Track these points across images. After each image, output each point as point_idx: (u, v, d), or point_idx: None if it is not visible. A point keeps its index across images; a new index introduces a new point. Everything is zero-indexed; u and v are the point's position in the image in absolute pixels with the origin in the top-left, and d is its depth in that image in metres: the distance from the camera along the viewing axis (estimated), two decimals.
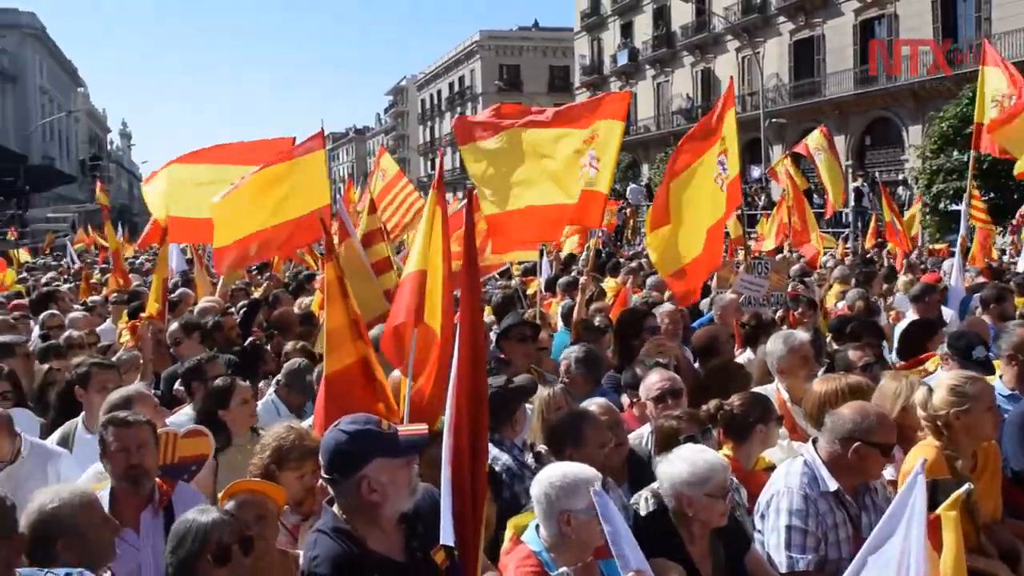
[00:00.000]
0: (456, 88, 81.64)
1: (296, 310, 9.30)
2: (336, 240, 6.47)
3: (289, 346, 6.99)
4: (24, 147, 60.61)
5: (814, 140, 17.86)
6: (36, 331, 8.73)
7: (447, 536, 2.79)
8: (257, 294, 11.26)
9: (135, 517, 3.81)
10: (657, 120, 49.83)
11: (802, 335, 5.80)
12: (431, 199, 4.94)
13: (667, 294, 9.05)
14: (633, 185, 37.90)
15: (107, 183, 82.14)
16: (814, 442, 3.99)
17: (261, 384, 6.44)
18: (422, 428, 3.20)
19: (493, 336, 6.62)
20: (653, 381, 5.12)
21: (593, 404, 4.61)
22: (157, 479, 3.97)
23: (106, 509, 3.55)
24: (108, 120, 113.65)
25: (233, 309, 9.18)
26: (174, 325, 7.15)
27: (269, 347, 7.53)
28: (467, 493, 2.77)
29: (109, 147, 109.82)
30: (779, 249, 16.08)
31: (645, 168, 48.29)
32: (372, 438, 3.03)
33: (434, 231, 4.66)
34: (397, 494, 3.04)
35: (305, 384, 5.99)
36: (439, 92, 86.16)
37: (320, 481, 4.07)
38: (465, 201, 6.88)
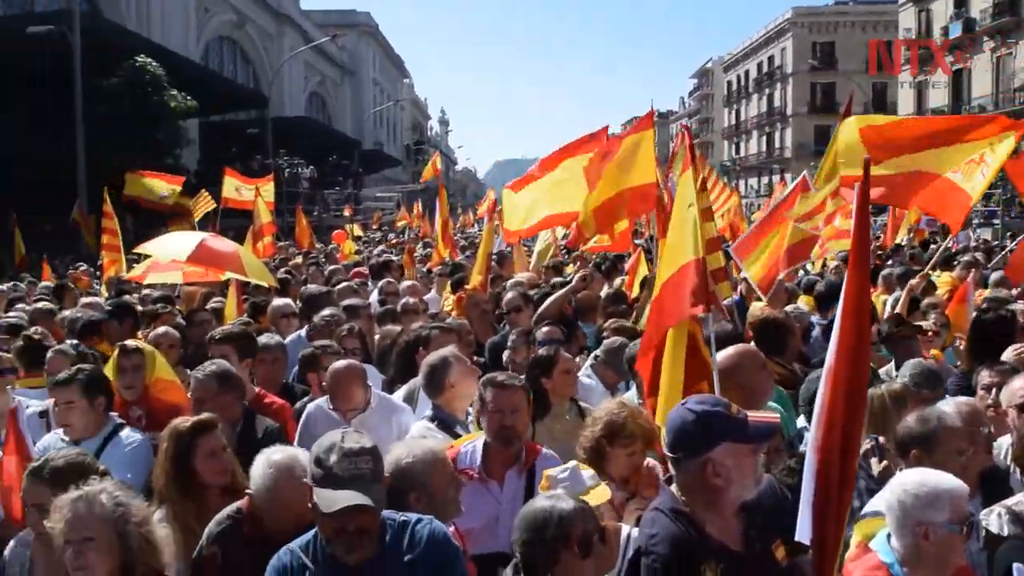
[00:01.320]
0: (765, 68, 78.72)
1: (606, 290, 9.35)
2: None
3: (608, 323, 7.03)
4: (358, 133, 67.13)
5: None
6: (374, 297, 9.51)
7: (803, 532, 2.60)
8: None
9: (501, 473, 4.02)
10: (995, 99, 44.75)
11: None
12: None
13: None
14: None
15: (426, 166, 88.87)
16: None
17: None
18: (774, 416, 3.03)
19: None
20: (1018, 387, 4.52)
21: (950, 404, 4.15)
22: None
23: (478, 461, 3.89)
24: (428, 108, 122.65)
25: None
26: (511, 293, 7.39)
27: None
28: (833, 491, 2.55)
29: (429, 133, 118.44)
30: None
31: None
32: (721, 420, 2.91)
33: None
34: (741, 481, 2.90)
35: (621, 363, 5.98)
36: (746, 73, 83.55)
37: (647, 461, 4.09)
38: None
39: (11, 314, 8.99)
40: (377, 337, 7.08)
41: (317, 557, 2.89)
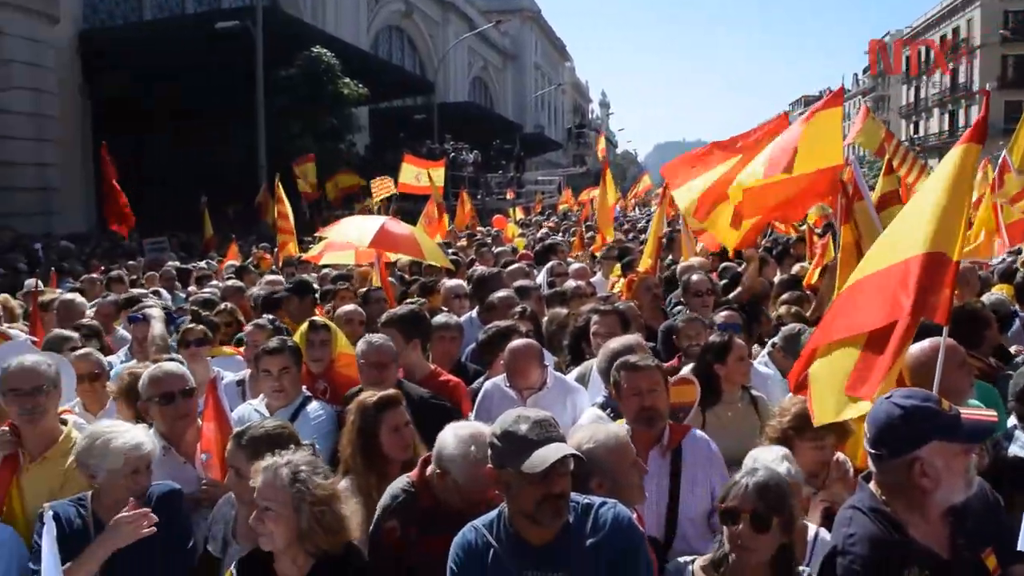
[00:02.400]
0: (949, 40, 73.59)
1: (778, 276, 9.00)
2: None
3: (783, 310, 6.76)
4: (520, 117, 67.79)
5: None
6: (541, 278, 9.56)
7: None
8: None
9: (644, 454, 3.92)
10: None
11: None
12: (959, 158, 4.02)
13: None
14: None
15: (587, 149, 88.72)
16: None
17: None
18: (992, 414, 2.78)
19: None
20: None
21: None
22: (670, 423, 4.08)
23: None
24: (589, 91, 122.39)
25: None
26: (697, 276, 7.23)
27: None
28: None
29: (590, 116, 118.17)
30: None
31: None
32: (932, 417, 2.70)
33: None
34: (951, 483, 2.68)
35: (799, 351, 5.73)
36: (927, 48, 78.37)
37: (836, 455, 3.89)
38: None
39: (205, 290, 9.61)
40: (546, 319, 7.10)
41: (501, 536, 2.90)
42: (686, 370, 5.48)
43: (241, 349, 6.51)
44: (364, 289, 8.52)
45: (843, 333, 3.91)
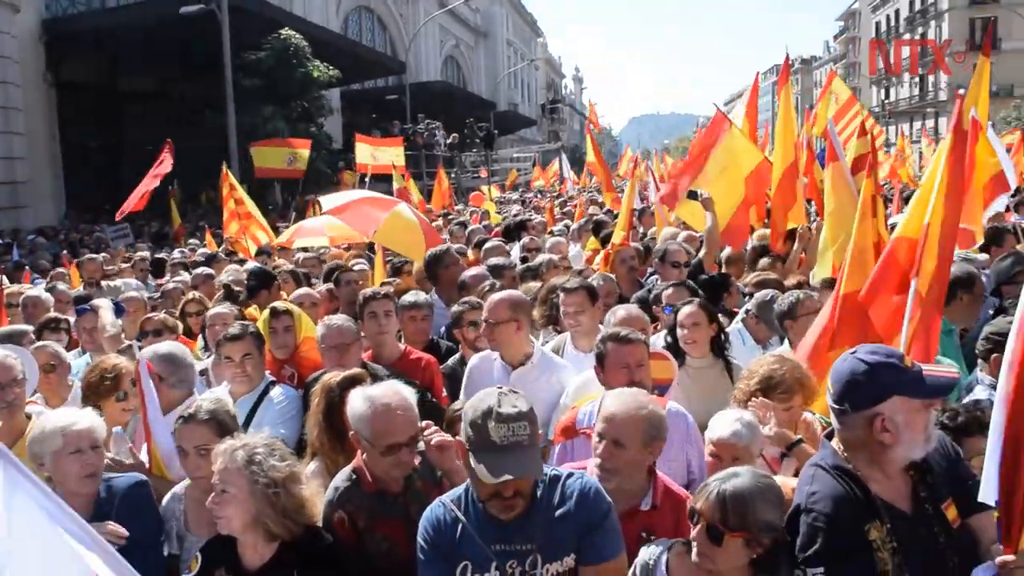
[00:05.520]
0: (918, 5, 73.79)
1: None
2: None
3: (750, 278, 6.81)
4: (493, 95, 67.41)
5: None
6: (515, 254, 9.54)
7: (988, 494, 2.40)
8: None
9: None
10: None
11: None
12: (945, 145, 4.19)
13: None
14: None
15: (561, 125, 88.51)
16: None
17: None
18: (953, 371, 2.80)
19: None
20: None
21: None
22: None
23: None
24: (562, 66, 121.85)
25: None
26: (675, 246, 7.30)
27: None
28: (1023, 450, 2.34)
29: (564, 91, 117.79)
30: None
31: None
32: (894, 373, 2.70)
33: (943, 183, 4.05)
34: (912, 439, 2.70)
35: (772, 316, 5.76)
36: (896, 12, 78.55)
37: (804, 415, 3.92)
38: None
39: (175, 280, 9.54)
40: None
41: (469, 510, 2.91)
42: (658, 343, 5.49)
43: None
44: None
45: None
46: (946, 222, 3.96)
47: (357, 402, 3.34)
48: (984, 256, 7.33)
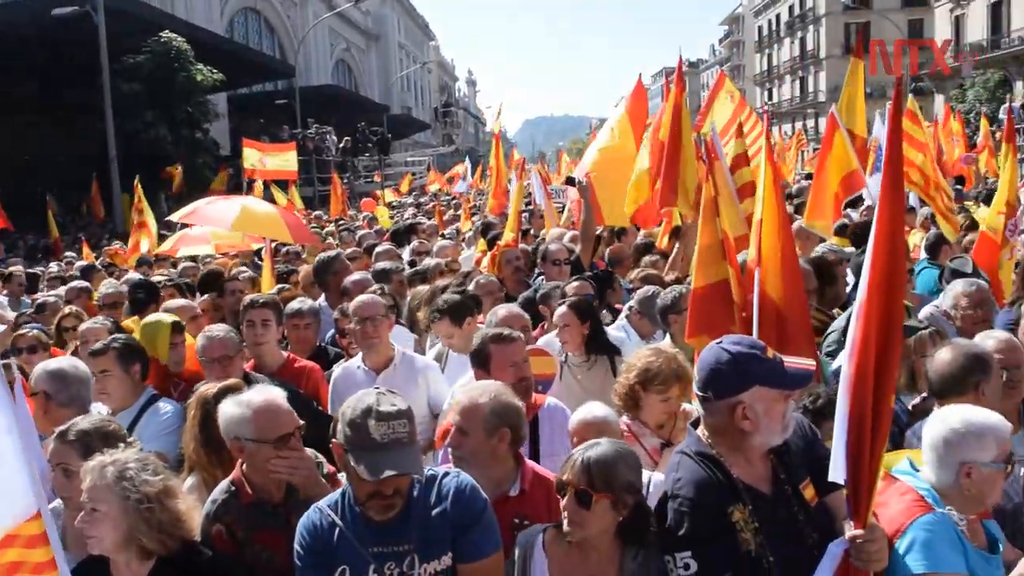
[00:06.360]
0: (797, 11, 76.85)
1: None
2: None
3: (634, 274, 6.97)
4: (386, 99, 66.88)
5: None
6: (406, 258, 9.53)
7: (837, 473, 2.53)
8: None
9: None
10: None
11: None
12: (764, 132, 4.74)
13: None
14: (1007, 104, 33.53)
15: (455, 128, 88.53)
16: None
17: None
18: (810, 363, 2.94)
19: None
20: None
21: (995, 339, 4.04)
22: None
23: None
24: (455, 69, 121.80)
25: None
26: (556, 245, 7.40)
27: None
28: (867, 430, 2.47)
29: (457, 95, 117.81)
30: None
31: (1020, 85, 42.28)
32: (756, 363, 2.83)
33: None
34: (770, 427, 2.82)
35: (654, 312, 5.92)
36: (778, 16, 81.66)
37: (683, 407, 4.05)
38: None
39: (49, 295, 9.14)
40: (408, 299, 7.09)
41: (346, 514, 2.91)
42: (544, 340, 5.60)
43: None
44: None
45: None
46: (783, 221, 4.24)
47: (231, 408, 3.30)
48: (851, 249, 7.71)
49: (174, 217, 9.72)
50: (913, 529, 2.81)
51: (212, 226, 9.21)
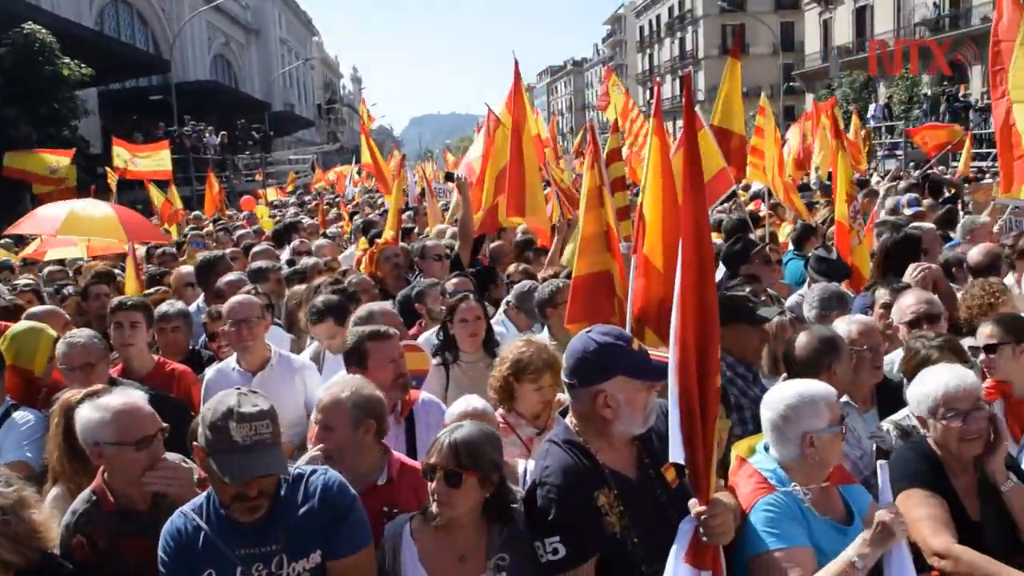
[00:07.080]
0: (676, 12, 79.00)
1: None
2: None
3: (512, 268, 7.08)
4: (267, 95, 65.23)
5: None
6: (284, 257, 9.38)
7: (676, 454, 2.65)
8: None
9: None
10: (896, 34, 45.76)
11: None
12: (651, 129, 4.82)
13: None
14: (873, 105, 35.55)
15: (340, 126, 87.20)
16: None
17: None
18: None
19: None
20: (907, 304, 4.71)
21: (853, 323, 4.30)
22: None
23: None
24: (340, 66, 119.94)
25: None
26: (431, 241, 7.43)
27: None
28: (696, 410, 2.59)
29: (342, 92, 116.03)
30: None
31: (882, 87, 44.62)
32: (620, 354, 2.92)
33: (655, 161, 4.55)
34: (631, 416, 2.93)
35: (532, 306, 6.02)
36: (658, 18, 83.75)
37: (557, 396, 4.14)
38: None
39: None
40: (285, 299, 6.99)
41: (211, 517, 2.87)
42: (423, 337, 5.63)
43: None
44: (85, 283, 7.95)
45: None
46: (667, 210, 4.33)
47: (89, 413, 3.20)
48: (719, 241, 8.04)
49: (12, 230, 9.55)
50: (755, 510, 3.02)
51: (41, 232, 8.93)
